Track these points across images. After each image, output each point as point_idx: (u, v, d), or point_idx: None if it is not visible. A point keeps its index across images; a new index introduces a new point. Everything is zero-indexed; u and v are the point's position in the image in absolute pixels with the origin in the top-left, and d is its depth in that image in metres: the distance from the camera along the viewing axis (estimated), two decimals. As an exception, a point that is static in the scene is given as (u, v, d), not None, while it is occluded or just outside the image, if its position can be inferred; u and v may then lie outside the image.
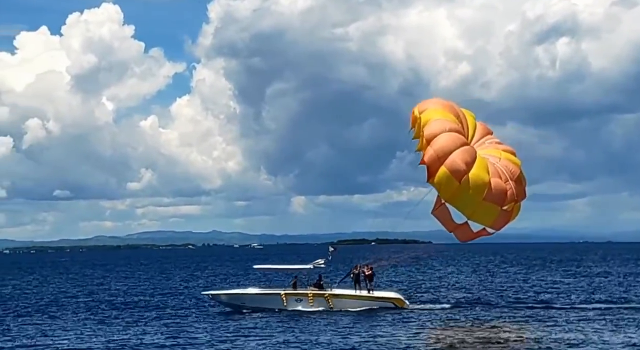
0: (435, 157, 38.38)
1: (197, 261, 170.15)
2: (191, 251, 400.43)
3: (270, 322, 43.80)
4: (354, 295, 48.97)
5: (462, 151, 38.45)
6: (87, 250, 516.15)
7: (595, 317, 44.16)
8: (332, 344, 35.59)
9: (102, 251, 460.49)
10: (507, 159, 40.05)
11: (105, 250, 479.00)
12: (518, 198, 40.06)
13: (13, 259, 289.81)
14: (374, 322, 42.92)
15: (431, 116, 39.75)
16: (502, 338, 36.39)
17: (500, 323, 42.02)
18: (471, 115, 41.74)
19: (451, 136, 38.84)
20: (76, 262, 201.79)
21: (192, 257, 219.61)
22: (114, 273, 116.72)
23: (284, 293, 49.03)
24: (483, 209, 39.02)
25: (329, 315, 45.70)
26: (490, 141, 41.19)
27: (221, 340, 37.40)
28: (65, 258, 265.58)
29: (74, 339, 38.92)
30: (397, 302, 48.93)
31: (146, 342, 37.31)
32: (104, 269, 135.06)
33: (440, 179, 38.58)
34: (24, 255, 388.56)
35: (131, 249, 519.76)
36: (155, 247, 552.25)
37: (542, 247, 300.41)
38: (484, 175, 38.43)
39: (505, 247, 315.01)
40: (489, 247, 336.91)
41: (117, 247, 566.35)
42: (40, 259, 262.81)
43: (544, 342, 34.91)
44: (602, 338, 36.25)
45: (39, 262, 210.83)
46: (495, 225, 40.56)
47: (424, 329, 40.65)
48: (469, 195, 38.54)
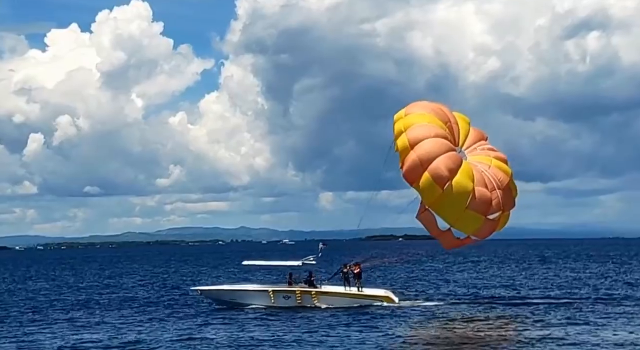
0: (418, 162, 37.85)
1: (225, 257, 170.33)
2: (221, 247, 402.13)
3: (256, 318, 43.47)
4: (342, 293, 48.53)
5: (446, 157, 37.82)
6: (116, 246, 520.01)
7: (590, 313, 43.53)
8: (316, 341, 35.13)
9: (131, 247, 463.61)
10: (497, 167, 39.20)
11: (135, 247, 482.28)
12: (505, 207, 39.21)
13: (46, 254, 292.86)
14: (359, 319, 42.43)
15: (417, 120, 39.10)
16: (486, 335, 35.67)
17: (487, 320, 41.31)
18: (465, 120, 40.95)
19: (436, 142, 38.18)
20: (107, 258, 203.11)
21: (221, 252, 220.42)
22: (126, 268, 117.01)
23: (271, 290, 48.77)
24: (466, 217, 38.40)
25: (315, 313, 45.25)
26: (483, 148, 40.29)
27: (201, 337, 36.89)
28: (105, 254, 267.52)
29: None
30: (386, 299, 48.44)
31: (122, 340, 36.87)
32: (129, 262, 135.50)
33: (423, 184, 38.05)
34: (55, 252, 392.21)
35: (160, 245, 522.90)
36: (184, 243, 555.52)
37: (568, 243, 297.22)
38: (467, 183, 37.77)
39: (534, 243, 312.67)
40: (514, 242, 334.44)
41: (146, 243, 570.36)
42: (76, 254, 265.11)
43: (525, 340, 34.35)
44: (593, 335, 35.64)
45: (77, 257, 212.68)
46: (479, 233, 39.98)
47: (408, 326, 40.23)
48: (451, 203, 37.95)
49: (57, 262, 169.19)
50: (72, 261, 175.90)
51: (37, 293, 68.16)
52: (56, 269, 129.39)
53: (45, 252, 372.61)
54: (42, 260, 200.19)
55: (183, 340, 36.06)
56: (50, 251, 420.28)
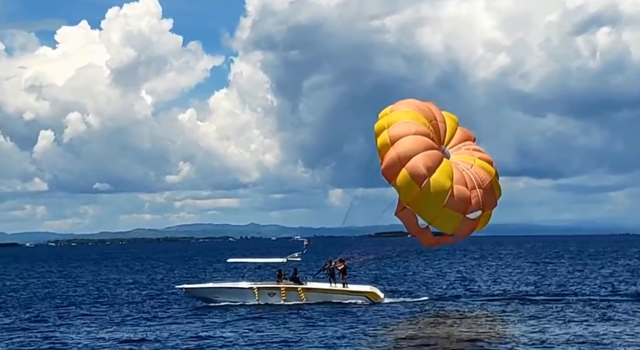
0: (397, 159, 37.79)
1: (235, 253, 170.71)
2: (231, 244, 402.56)
3: (239, 316, 43.30)
4: (327, 289, 48.53)
5: (424, 155, 37.77)
6: (126, 243, 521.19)
7: (580, 311, 43.57)
8: (299, 339, 34.96)
9: (141, 244, 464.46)
10: (480, 167, 39.15)
11: (145, 243, 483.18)
12: (485, 207, 39.14)
13: (60, 251, 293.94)
14: (344, 315, 42.47)
15: (400, 117, 39.10)
16: (465, 332, 35.65)
17: (472, 317, 41.34)
18: (453, 119, 40.92)
19: (416, 139, 38.12)
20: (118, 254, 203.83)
21: (232, 249, 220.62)
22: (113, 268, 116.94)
23: (256, 287, 48.72)
24: (444, 215, 38.31)
25: (300, 310, 45.20)
26: (468, 148, 40.24)
27: (189, 336, 36.61)
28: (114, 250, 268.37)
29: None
30: (372, 295, 48.43)
31: (106, 338, 36.72)
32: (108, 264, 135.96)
33: (401, 182, 38.02)
34: (65, 248, 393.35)
35: (170, 241, 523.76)
36: (194, 240, 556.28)
37: (574, 240, 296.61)
38: (445, 181, 37.72)
39: (541, 239, 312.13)
40: (523, 239, 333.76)
41: (156, 240, 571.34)
42: (91, 251, 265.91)
43: (509, 337, 34.32)
44: (583, 331, 35.82)
45: (95, 254, 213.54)
46: (457, 232, 39.88)
47: (393, 322, 40.20)
48: (429, 200, 37.89)
49: (77, 259, 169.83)
50: (95, 257, 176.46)
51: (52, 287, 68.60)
52: (80, 265, 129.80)
53: (56, 249, 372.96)
54: (61, 256, 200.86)
55: (164, 340, 35.40)
56: (61, 248, 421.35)
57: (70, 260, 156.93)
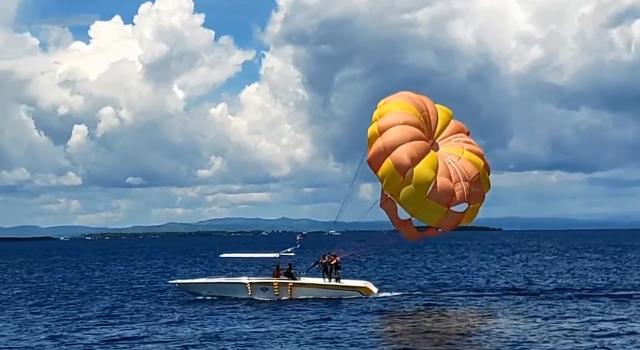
0: (382, 148, 37.45)
1: (267, 247, 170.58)
2: (264, 238, 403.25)
3: (234, 311, 42.81)
4: (320, 284, 48.05)
5: (410, 145, 37.27)
6: (159, 237, 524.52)
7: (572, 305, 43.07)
8: (291, 333, 34.37)
9: (173, 238, 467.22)
10: (468, 159, 38.43)
11: (177, 237, 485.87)
12: (470, 200, 38.35)
13: (98, 245, 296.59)
14: (337, 310, 41.97)
15: (391, 108, 38.83)
16: (457, 326, 35.19)
17: (465, 312, 40.64)
18: (447, 112, 40.31)
19: (403, 129, 37.69)
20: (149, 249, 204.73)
21: (264, 243, 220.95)
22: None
23: (249, 282, 48.32)
24: (427, 207, 37.73)
25: (292, 305, 44.80)
26: (458, 139, 39.56)
27: (180, 331, 36.06)
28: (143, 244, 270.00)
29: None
30: (364, 290, 47.94)
31: (91, 331, 36.45)
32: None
33: (385, 171, 37.61)
34: (99, 242, 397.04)
35: (202, 236, 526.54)
36: (225, 234, 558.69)
37: (608, 234, 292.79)
38: (428, 172, 37.20)
39: (573, 234, 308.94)
40: (556, 234, 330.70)
41: (188, 234, 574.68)
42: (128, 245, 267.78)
43: (493, 332, 33.66)
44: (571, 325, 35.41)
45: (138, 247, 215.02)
46: (442, 225, 39.17)
47: (385, 317, 39.72)
48: (412, 191, 37.37)
49: (113, 252, 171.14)
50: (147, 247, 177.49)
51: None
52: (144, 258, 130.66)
53: (94, 243, 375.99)
54: (109, 250, 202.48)
55: (156, 336, 34.85)
56: (96, 242, 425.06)
57: (106, 254, 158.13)
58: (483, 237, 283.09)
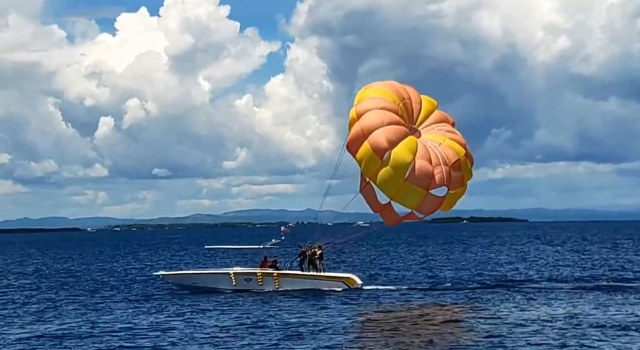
0: (360, 132, 37.65)
1: (295, 239, 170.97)
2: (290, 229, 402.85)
3: (216, 303, 42.79)
4: (304, 275, 48.07)
5: (387, 129, 37.40)
6: (185, 228, 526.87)
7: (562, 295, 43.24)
8: (273, 325, 34.30)
9: (199, 229, 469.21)
10: (449, 146, 38.38)
11: (202, 228, 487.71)
12: (451, 185, 38.17)
13: (126, 236, 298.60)
14: (320, 301, 41.98)
15: (369, 94, 39.10)
16: (436, 320, 35.03)
17: (447, 305, 40.51)
18: (431, 102, 40.30)
19: (381, 113, 37.85)
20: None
21: (288, 235, 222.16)
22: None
23: (233, 272, 48.57)
24: (406, 190, 37.70)
25: (276, 295, 44.85)
26: (441, 128, 39.50)
27: (164, 322, 36.14)
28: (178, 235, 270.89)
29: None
30: (349, 281, 48.01)
31: (71, 326, 36.29)
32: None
33: (363, 155, 37.79)
34: (126, 233, 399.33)
35: (227, 227, 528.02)
36: (251, 225, 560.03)
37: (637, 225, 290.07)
38: (406, 154, 37.23)
39: (602, 225, 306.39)
40: (581, 224, 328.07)
41: (214, 225, 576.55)
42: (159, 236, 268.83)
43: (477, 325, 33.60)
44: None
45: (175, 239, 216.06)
46: (422, 208, 39.02)
47: (368, 308, 39.68)
48: (390, 174, 37.40)
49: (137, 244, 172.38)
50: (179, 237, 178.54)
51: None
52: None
53: (123, 234, 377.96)
54: (126, 241, 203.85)
55: (139, 328, 34.71)
56: (123, 233, 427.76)
57: (132, 245, 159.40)
58: (508, 228, 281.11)
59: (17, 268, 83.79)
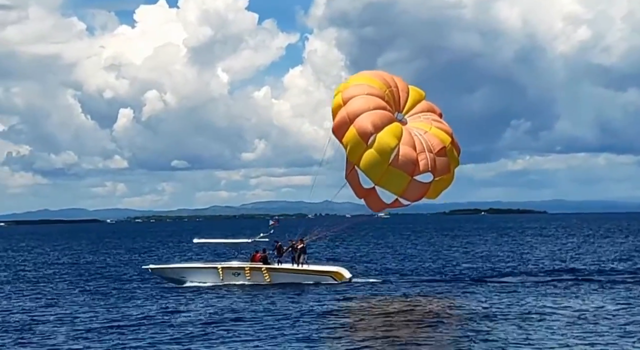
0: (346, 117, 37.87)
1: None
2: (309, 221, 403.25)
3: (204, 297, 42.73)
4: (292, 269, 47.94)
5: (372, 113, 37.60)
6: (203, 219, 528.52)
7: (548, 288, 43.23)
8: (259, 320, 34.03)
9: (218, 221, 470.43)
10: (434, 135, 38.40)
11: (221, 220, 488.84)
12: (435, 171, 38.01)
13: (142, 227, 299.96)
14: (308, 296, 41.85)
15: (356, 81, 39.43)
16: (434, 312, 34.93)
17: (432, 298, 40.47)
18: (418, 92, 40.49)
19: (367, 99, 38.10)
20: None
21: (308, 227, 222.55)
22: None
23: (221, 267, 48.38)
24: (391, 174, 37.71)
25: (263, 289, 44.78)
26: (427, 117, 39.53)
27: (152, 315, 36.09)
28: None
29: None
30: (336, 275, 47.88)
31: (66, 313, 36.92)
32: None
33: (349, 139, 37.91)
34: (145, 225, 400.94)
35: (245, 219, 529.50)
36: (269, 217, 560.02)
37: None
38: (391, 139, 37.32)
39: (622, 217, 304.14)
40: (602, 216, 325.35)
41: (232, 216, 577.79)
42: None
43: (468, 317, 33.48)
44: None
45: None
46: (407, 195, 38.92)
47: (356, 302, 39.54)
48: (375, 158, 37.51)
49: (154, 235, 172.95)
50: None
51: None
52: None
53: (145, 225, 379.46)
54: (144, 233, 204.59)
55: (126, 321, 34.63)
56: (143, 224, 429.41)
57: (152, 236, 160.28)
58: (525, 220, 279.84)
59: (51, 259, 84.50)
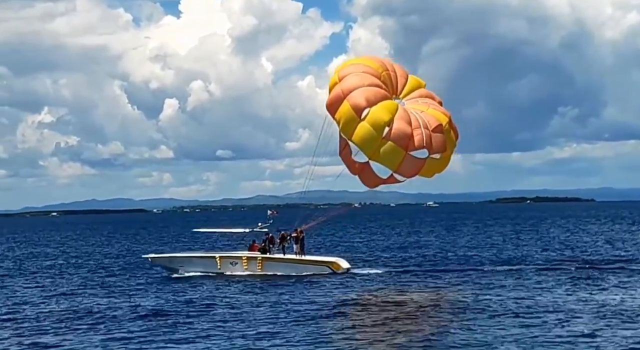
0: (340, 93, 37.89)
1: (357, 220, 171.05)
2: (356, 210, 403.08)
3: (202, 286, 42.87)
4: (289, 259, 47.96)
5: (366, 89, 37.66)
6: (247, 209, 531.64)
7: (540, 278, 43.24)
8: (253, 310, 34.06)
9: (262, 210, 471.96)
10: (431, 114, 38.12)
11: (265, 210, 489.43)
12: (431, 148, 37.60)
13: (189, 217, 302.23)
14: (305, 286, 41.85)
15: (352, 61, 39.98)
16: (420, 302, 34.89)
17: (439, 287, 40.45)
18: (417, 80, 40.39)
19: (362, 76, 38.24)
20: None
21: (352, 215, 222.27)
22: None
23: (218, 256, 48.73)
24: (385, 148, 37.37)
25: (260, 279, 44.89)
26: (425, 101, 39.29)
27: (145, 306, 36.38)
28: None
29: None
30: (333, 266, 47.83)
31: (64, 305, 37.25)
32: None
33: (343, 114, 37.78)
34: (191, 214, 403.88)
35: (290, 208, 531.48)
36: (313, 206, 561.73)
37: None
38: (384, 114, 37.13)
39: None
40: (626, 204, 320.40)
41: (277, 206, 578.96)
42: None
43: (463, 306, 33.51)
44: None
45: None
46: (401, 170, 38.45)
47: (352, 292, 39.43)
48: (369, 131, 37.18)
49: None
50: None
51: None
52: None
53: (187, 215, 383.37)
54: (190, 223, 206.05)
55: (126, 309, 35.12)
56: (190, 214, 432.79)
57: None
58: (572, 208, 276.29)
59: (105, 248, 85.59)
